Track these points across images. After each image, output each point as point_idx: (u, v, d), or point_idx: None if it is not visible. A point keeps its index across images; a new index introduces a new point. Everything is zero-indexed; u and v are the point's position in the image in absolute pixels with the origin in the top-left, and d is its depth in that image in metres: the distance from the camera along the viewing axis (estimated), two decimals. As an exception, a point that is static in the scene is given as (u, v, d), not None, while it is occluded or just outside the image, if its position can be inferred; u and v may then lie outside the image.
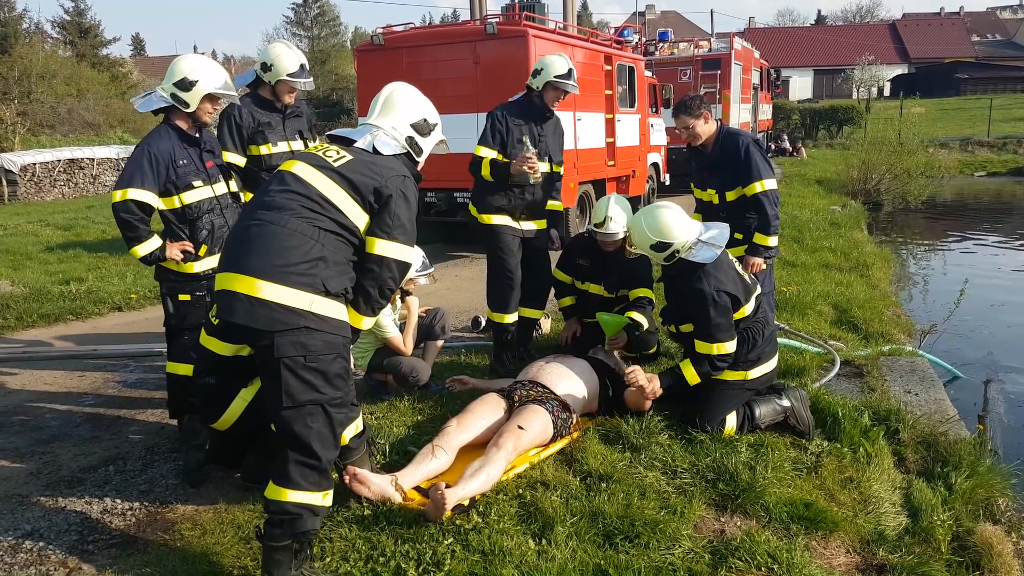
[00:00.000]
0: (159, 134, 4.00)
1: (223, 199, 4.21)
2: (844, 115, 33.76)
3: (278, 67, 4.78)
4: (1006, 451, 4.90)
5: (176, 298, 4.12)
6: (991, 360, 7.15)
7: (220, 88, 4.01)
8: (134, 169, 3.89)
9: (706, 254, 4.12)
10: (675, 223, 4.14)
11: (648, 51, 17.11)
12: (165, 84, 3.95)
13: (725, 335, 4.08)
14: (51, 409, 4.98)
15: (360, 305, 2.93)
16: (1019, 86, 49.12)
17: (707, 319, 4.05)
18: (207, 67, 4.00)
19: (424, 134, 3.21)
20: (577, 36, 10.89)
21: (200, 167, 4.08)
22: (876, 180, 17.56)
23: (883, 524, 3.49)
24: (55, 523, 3.47)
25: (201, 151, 4.11)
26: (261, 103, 4.94)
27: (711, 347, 4.08)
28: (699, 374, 4.14)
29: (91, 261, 10.26)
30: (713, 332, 4.06)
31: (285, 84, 4.83)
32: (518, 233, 5.31)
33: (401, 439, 4.06)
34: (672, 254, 4.16)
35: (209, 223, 4.11)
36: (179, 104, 3.93)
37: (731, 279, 4.16)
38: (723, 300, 4.06)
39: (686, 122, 4.97)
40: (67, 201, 19.66)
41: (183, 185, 3.99)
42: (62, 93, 28.31)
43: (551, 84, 5.15)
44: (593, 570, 2.92)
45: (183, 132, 4.03)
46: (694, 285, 4.08)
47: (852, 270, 9.17)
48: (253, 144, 4.89)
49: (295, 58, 4.82)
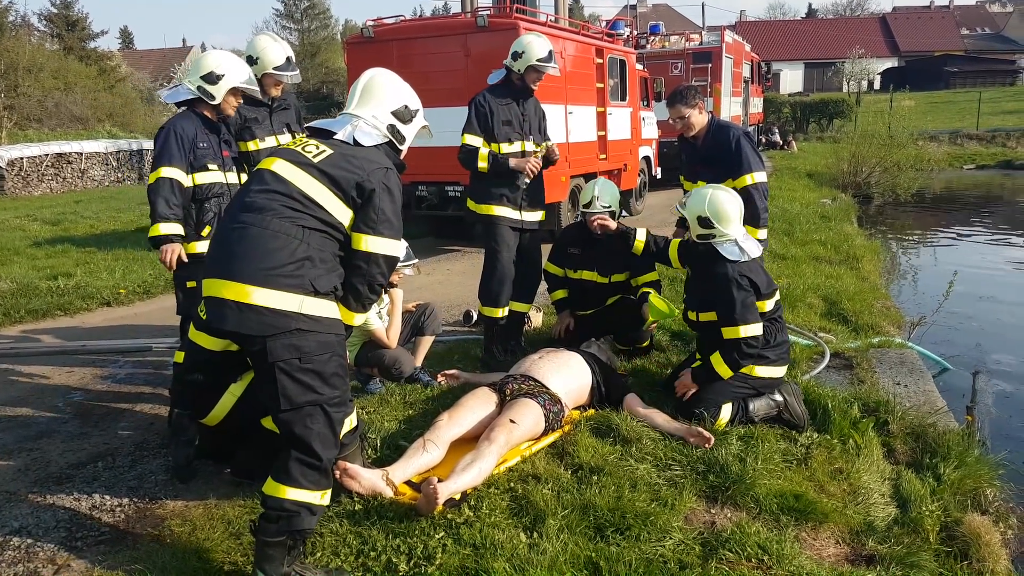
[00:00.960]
0: (183, 116, 4.21)
1: (232, 187, 4.35)
2: (835, 108, 33.86)
3: (264, 60, 4.75)
4: (994, 442, 4.94)
5: (184, 286, 4.23)
6: (979, 352, 7.20)
7: (245, 83, 4.26)
8: (163, 149, 4.09)
9: (733, 252, 4.20)
10: (735, 216, 4.25)
11: (639, 44, 17.10)
12: (192, 77, 4.20)
13: (751, 316, 4.08)
14: (39, 405, 4.94)
15: (350, 303, 2.90)
16: (1008, 79, 49.42)
17: (731, 300, 4.08)
18: (233, 62, 4.24)
19: (406, 121, 3.13)
20: (568, 29, 10.86)
21: (217, 153, 4.29)
22: (866, 173, 17.62)
23: (872, 515, 3.51)
24: (43, 520, 3.45)
25: (220, 140, 4.32)
26: (246, 99, 4.89)
27: (737, 330, 4.07)
28: (729, 365, 4.13)
29: (79, 256, 10.18)
30: (737, 314, 4.06)
31: (271, 77, 4.79)
32: (518, 224, 5.30)
33: (392, 433, 4.05)
34: (709, 235, 4.22)
35: (216, 206, 4.26)
36: (205, 96, 4.18)
37: (754, 270, 4.22)
38: (745, 283, 4.12)
39: (681, 111, 4.96)
40: (55, 196, 19.50)
41: (199, 166, 4.19)
42: (49, 87, 28.06)
43: (533, 67, 5.16)
44: (584, 562, 2.92)
45: (207, 119, 4.25)
46: (716, 269, 4.16)
47: (842, 263, 9.20)
48: (240, 140, 4.86)
49: (281, 51, 4.80)
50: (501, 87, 5.28)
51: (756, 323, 4.11)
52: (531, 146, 5.29)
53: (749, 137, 5.07)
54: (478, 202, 5.27)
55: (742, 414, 4.18)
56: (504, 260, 5.25)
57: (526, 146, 5.27)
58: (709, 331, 4.30)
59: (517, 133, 5.24)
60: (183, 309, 4.32)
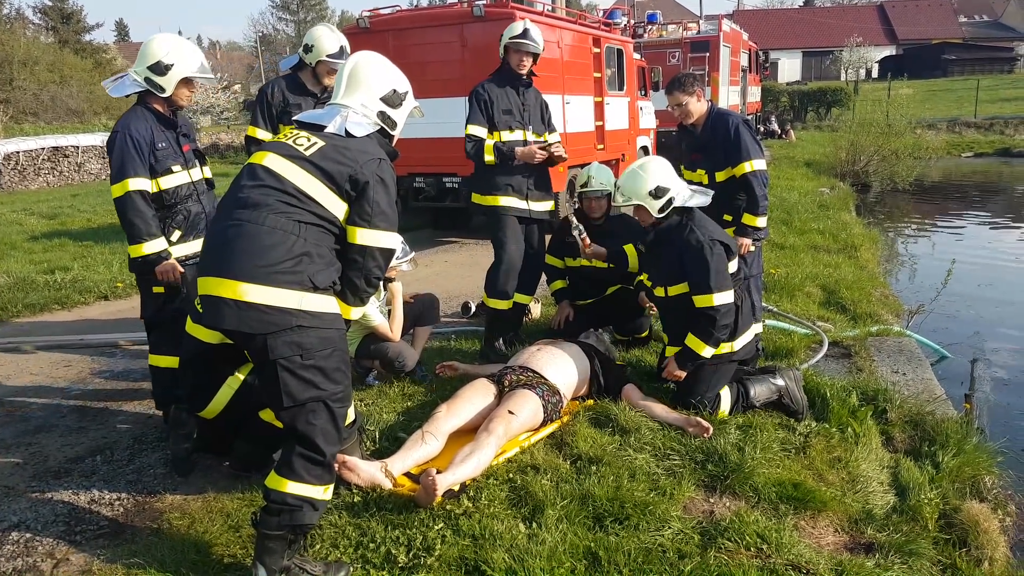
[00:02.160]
0: (136, 116, 3.89)
1: (199, 184, 4.14)
2: (833, 97, 33.74)
3: (318, 48, 4.76)
4: (992, 430, 4.94)
5: (151, 290, 4.04)
6: (978, 340, 7.19)
7: (197, 71, 3.90)
8: (123, 157, 3.79)
9: (700, 199, 4.22)
10: (671, 172, 4.27)
11: (637, 33, 17.02)
12: (138, 67, 3.85)
13: (724, 283, 4.07)
14: (37, 399, 4.94)
15: (348, 297, 2.88)
16: (1006, 67, 49.29)
17: (705, 268, 4.06)
18: (182, 49, 3.88)
19: (395, 106, 3.07)
20: (565, 18, 10.80)
21: (178, 151, 4.01)
22: (864, 162, 17.59)
23: (871, 503, 3.52)
24: (42, 514, 3.45)
25: (178, 135, 4.04)
26: (295, 85, 4.91)
27: (710, 298, 4.06)
28: (703, 339, 4.10)
29: (76, 250, 10.17)
30: (711, 281, 4.04)
31: (325, 65, 4.80)
32: (526, 214, 5.26)
33: (391, 425, 4.05)
34: (668, 201, 4.19)
35: (186, 210, 4.05)
36: (154, 89, 3.85)
37: (719, 232, 4.23)
38: (718, 249, 4.11)
39: (679, 99, 4.92)
40: (52, 189, 19.47)
41: (162, 170, 3.92)
42: (45, 80, 27.97)
43: (509, 47, 5.16)
44: (583, 552, 2.93)
45: (160, 114, 3.95)
46: (688, 238, 4.14)
47: (840, 251, 9.20)
48: (281, 123, 4.84)
49: (336, 40, 4.80)
50: (499, 75, 5.27)
51: (729, 290, 4.09)
52: (531, 135, 5.26)
53: (748, 125, 5.05)
54: (483, 193, 5.22)
55: (743, 399, 4.18)
56: (512, 252, 5.21)
57: (527, 135, 5.24)
58: (677, 308, 4.28)
59: (518, 121, 5.21)
60: (146, 314, 4.15)
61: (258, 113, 4.90)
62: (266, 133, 4.85)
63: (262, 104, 4.90)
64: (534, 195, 5.27)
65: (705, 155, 5.04)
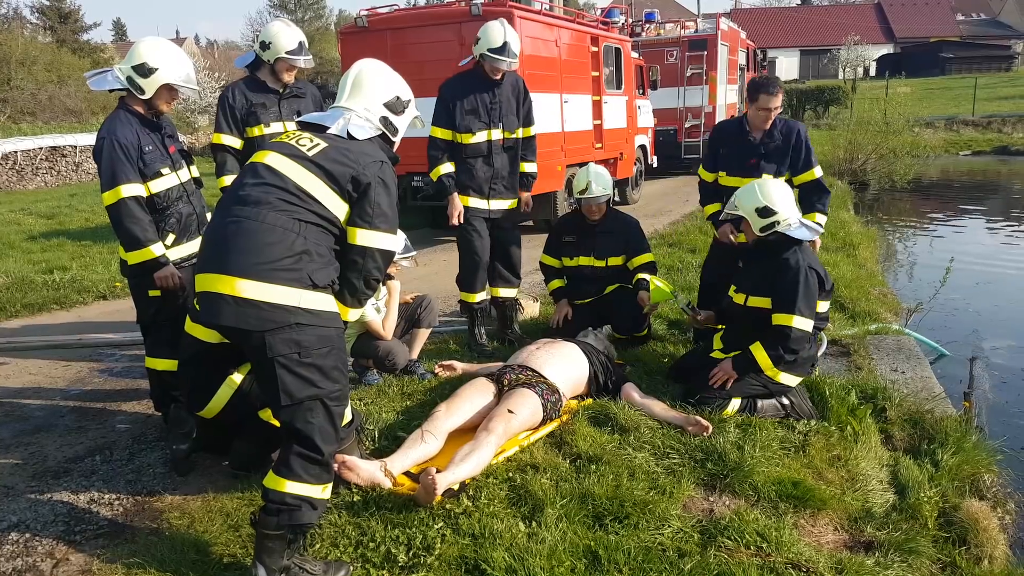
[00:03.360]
0: (120, 121, 3.82)
1: (188, 185, 4.11)
2: (830, 95, 33.76)
3: (276, 45, 4.69)
4: (991, 428, 4.95)
5: (146, 295, 4.00)
6: (977, 338, 7.20)
7: (180, 80, 3.84)
8: (114, 164, 3.73)
9: (804, 233, 4.21)
10: (786, 197, 4.24)
11: (634, 32, 17.00)
12: (123, 65, 3.81)
13: (806, 310, 4.05)
14: (36, 399, 4.93)
15: (346, 297, 2.88)
16: (1003, 65, 49.32)
17: (794, 291, 4.04)
18: (170, 55, 3.83)
19: (398, 112, 3.09)
20: (563, 17, 10.79)
21: (164, 153, 3.96)
22: (862, 160, 17.59)
23: (871, 501, 3.52)
24: (41, 514, 3.45)
25: (163, 136, 3.99)
26: (255, 85, 4.84)
27: (790, 318, 4.03)
28: (771, 356, 4.10)
29: (75, 250, 10.15)
30: (797, 303, 4.03)
31: (284, 62, 4.74)
32: (485, 214, 5.37)
33: (390, 425, 4.05)
34: (772, 223, 4.18)
35: (178, 212, 4.01)
36: (134, 89, 3.80)
37: (820, 265, 4.22)
38: (812, 278, 4.10)
39: (776, 101, 4.78)
40: (50, 189, 19.43)
41: (151, 173, 3.86)
42: (43, 80, 27.90)
43: (484, 58, 5.13)
44: (583, 551, 2.93)
45: (142, 116, 3.89)
46: (787, 257, 4.14)
47: (839, 250, 9.19)
48: (247, 126, 4.82)
49: (294, 36, 4.73)
50: (469, 75, 5.27)
51: (810, 319, 4.07)
52: (498, 134, 5.27)
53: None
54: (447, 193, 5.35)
55: (750, 410, 4.18)
56: (476, 246, 5.37)
57: (492, 134, 5.26)
58: (747, 319, 4.29)
59: (482, 122, 5.21)
60: (142, 318, 4.12)
61: (222, 119, 4.80)
62: (232, 138, 4.79)
63: (224, 109, 4.79)
64: (495, 194, 5.37)
65: (769, 160, 4.92)
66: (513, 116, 5.34)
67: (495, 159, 5.29)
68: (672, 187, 15.88)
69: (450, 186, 5.24)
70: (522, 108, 5.42)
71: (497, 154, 5.30)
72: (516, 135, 5.38)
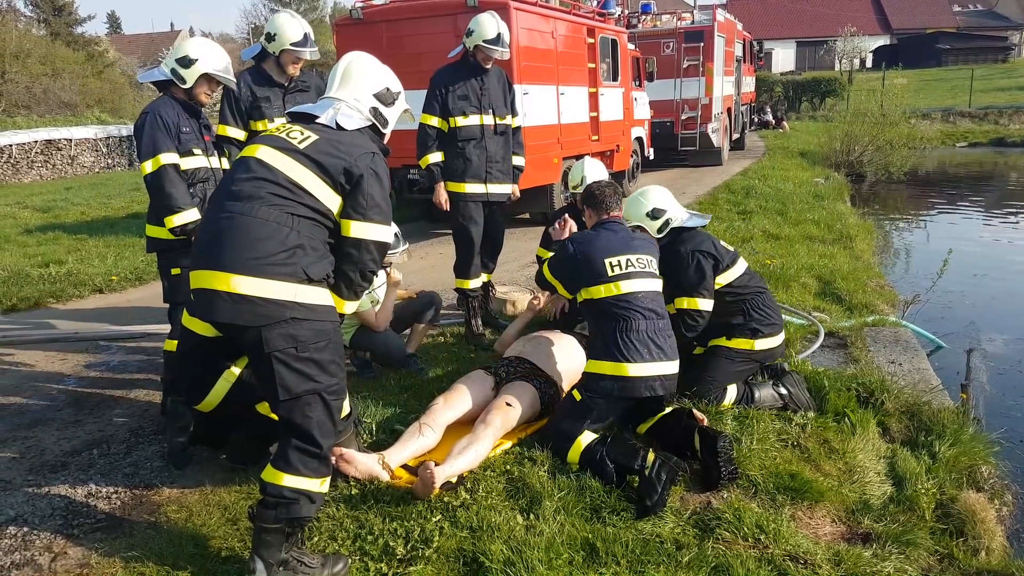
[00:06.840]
0: (163, 102, 4.11)
1: (216, 172, 4.31)
2: (827, 87, 33.78)
3: (282, 36, 4.67)
4: (989, 419, 4.97)
5: (169, 273, 4.16)
6: (973, 329, 7.21)
7: (219, 70, 4.13)
8: (155, 135, 3.98)
9: (697, 220, 4.42)
10: (669, 198, 4.45)
11: (631, 24, 16.93)
12: (168, 59, 4.12)
13: (702, 292, 4.22)
14: (33, 393, 4.92)
15: (342, 290, 2.87)
16: (1000, 56, 49.27)
17: (685, 276, 4.24)
18: (210, 49, 4.15)
19: (388, 104, 3.08)
20: (559, 8, 10.74)
21: (199, 138, 4.20)
22: (859, 152, 17.60)
23: (868, 493, 3.53)
24: (39, 508, 3.44)
25: (200, 124, 4.24)
26: (261, 78, 4.82)
27: (684, 301, 4.23)
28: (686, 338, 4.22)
29: (71, 243, 10.11)
30: (690, 287, 4.22)
31: (289, 54, 4.72)
32: (484, 197, 5.48)
33: (388, 417, 4.05)
34: (665, 223, 4.35)
35: (203, 191, 4.17)
36: (176, 79, 4.08)
37: (710, 244, 4.34)
38: (697, 260, 4.24)
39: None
40: (45, 183, 19.36)
41: (184, 151, 4.09)
42: (37, 73, 27.70)
43: (479, 48, 5.26)
44: (581, 544, 2.93)
45: (185, 103, 4.16)
46: (676, 248, 4.30)
47: (835, 242, 9.21)
48: (251, 119, 4.81)
49: (299, 27, 4.71)
50: (459, 65, 5.43)
51: (705, 299, 4.24)
52: (490, 119, 5.41)
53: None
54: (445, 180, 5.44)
55: (748, 400, 4.19)
56: (472, 234, 5.51)
57: (484, 119, 5.39)
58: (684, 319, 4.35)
59: (474, 107, 5.36)
60: (169, 297, 4.24)
61: (227, 110, 4.81)
62: (236, 130, 4.80)
63: (228, 100, 4.81)
64: (492, 178, 5.47)
65: None
66: (502, 103, 5.52)
67: (488, 143, 5.42)
68: (668, 179, 15.85)
69: (437, 174, 5.39)
70: (508, 96, 5.59)
71: (490, 138, 5.43)
72: (507, 121, 5.55)
